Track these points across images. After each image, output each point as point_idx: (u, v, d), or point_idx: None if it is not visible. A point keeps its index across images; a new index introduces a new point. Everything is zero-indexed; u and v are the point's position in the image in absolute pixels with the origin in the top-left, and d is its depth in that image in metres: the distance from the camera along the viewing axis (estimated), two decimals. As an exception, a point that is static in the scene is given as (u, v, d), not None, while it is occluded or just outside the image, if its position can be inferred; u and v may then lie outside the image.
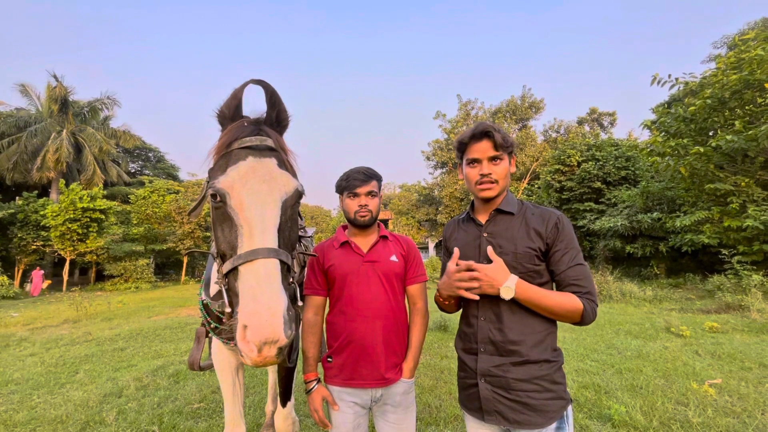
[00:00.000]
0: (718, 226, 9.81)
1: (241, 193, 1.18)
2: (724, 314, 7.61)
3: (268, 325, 1.00)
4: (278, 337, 1.00)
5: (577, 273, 1.30)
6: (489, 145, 1.37)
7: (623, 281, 11.50)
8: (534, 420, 1.26)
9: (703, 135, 10.08)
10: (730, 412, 3.20)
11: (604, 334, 6.28)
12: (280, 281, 1.08)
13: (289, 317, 1.05)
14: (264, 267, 1.08)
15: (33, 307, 12.22)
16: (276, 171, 1.25)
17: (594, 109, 29.63)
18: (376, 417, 1.68)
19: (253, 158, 1.24)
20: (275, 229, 1.16)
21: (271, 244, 1.12)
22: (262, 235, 1.13)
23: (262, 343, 0.99)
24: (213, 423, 3.16)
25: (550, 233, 1.33)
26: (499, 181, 1.38)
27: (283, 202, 1.22)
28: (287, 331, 1.02)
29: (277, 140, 1.33)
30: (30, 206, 18.50)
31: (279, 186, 1.23)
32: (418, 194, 34.56)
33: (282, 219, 1.20)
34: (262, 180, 1.21)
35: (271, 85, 1.30)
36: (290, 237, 1.26)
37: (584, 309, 1.25)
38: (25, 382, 4.44)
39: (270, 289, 1.05)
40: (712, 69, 9.62)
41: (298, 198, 1.28)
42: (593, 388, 3.80)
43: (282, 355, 1.05)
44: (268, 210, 1.17)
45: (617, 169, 16.16)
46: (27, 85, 22.91)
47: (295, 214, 1.30)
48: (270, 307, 1.02)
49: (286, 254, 1.17)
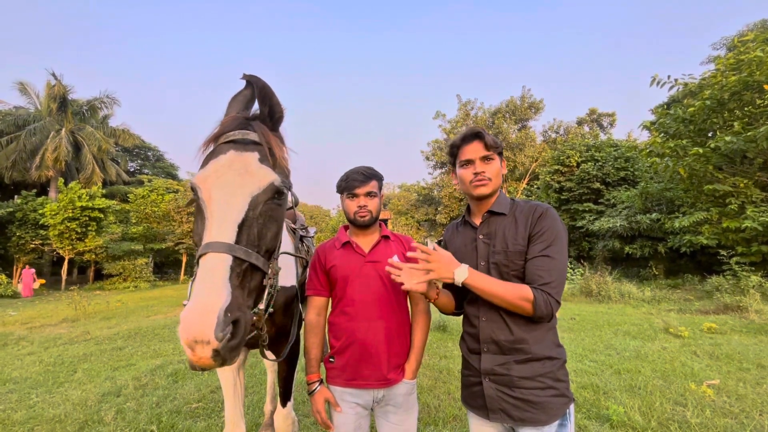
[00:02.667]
0: (717, 227, 9.83)
1: (211, 186, 1.15)
2: (722, 315, 7.63)
3: (197, 323, 0.92)
4: (207, 337, 0.91)
5: (542, 263, 1.29)
6: (480, 146, 1.43)
7: (622, 282, 11.51)
8: (538, 417, 1.27)
9: (702, 136, 10.10)
10: (728, 412, 3.21)
11: (603, 334, 6.29)
12: (225, 278, 1.00)
13: (229, 318, 0.95)
14: (210, 262, 1.02)
15: (31, 305, 12.19)
16: (254, 165, 1.19)
17: (593, 110, 29.65)
18: (377, 417, 1.68)
19: (234, 152, 1.21)
20: (236, 223, 1.09)
21: (226, 239, 1.05)
22: (219, 229, 1.07)
23: (191, 342, 0.92)
24: (212, 422, 3.16)
25: (532, 224, 1.36)
26: (492, 179, 1.43)
27: (253, 196, 1.15)
28: (219, 333, 0.92)
29: (263, 134, 1.26)
30: (29, 205, 18.45)
31: (253, 180, 1.16)
32: (418, 194, 34.57)
33: (250, 214, 1.13)
34: (237, 174, 1.16)
35: (261, 80, 1.26)
36: (261, 234, 1.16)
37: (534, 299, 1.24)
38: (23, 381, 4.43)
39: (209, 286, 0.98)
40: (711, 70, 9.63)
41: (274, 193, 1.20)
42: (592, 388, 3.81)
43: (223, 361, 0.96)
44: (233, 204, 1.11)
45: (616, 170, 16.18)
46: (26, 83, 22.86)
47: (271, 210, 1.21)
48: (204, 305, 0.94)
49: (247, 251, 1.08)
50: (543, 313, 1.26)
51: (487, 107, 30.56)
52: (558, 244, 1.32)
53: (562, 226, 1.37)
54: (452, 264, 1.30)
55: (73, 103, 22.96)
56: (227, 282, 1.00)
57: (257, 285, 1.14)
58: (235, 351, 1.00)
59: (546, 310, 1.26)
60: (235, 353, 1.01)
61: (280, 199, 1.23)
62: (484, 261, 1.41)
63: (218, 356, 0.94)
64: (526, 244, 1.34)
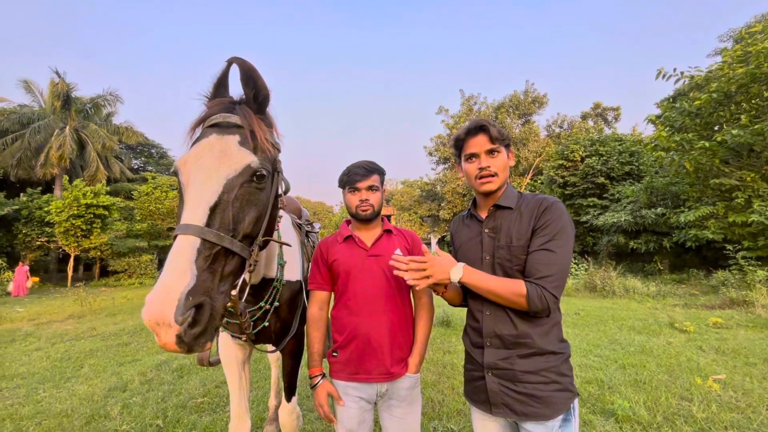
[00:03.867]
0: (723, 222, 9.75)
1: (190, 170, 1.14)
2: (728, 310, 7.58)
3: (157, 304, 0.89)
4: (167, 320, 0.88)
5: (540, 257, 1.27)
6: (485, 139, 1.39)
7: (626, 277, 11.46)
8: (541, 412, 1.26)
9: (709, 129, 9.98)
10: (734, 407, 3.19)
11: (608, 329, 6.26)
12: (189, 260, 0.97)
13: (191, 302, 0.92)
14: (178, 244, 1.00)
15: (38, 302, 12.30)
16: (233, 148, 1.16)
17: (598, 104, 29.39)
18: (381, 411, 1.68)
19: (215, 135, 1.19)
20: (207, 206, 1.06)
21: (196, 222, 1.03)
22: (191, 212, 1.05)
23: (153, 324, 0.90)
24: (217, 417, 3.17)
25: (536, 218, 1.33)
26: (498, 174, 1.39)
27: (229, 179, 1.12)
28: (179, 316, 0.89)
29: (245, 116, 1.23)
30: (34, 202, 18.57)
31: (230, 163, 1.14)
32: (421, 190, 34.52)
33: (224, 197, 1.10)
34: (215, 157, 1.14)
35: (247, 62, 1.23)
36: (238, 218, 1.12)
37: (528, 293, 1.23)
38: (30, 376, 4.48)
39: (173, 267, 0.95)
40: (718, 62, 9.49)
41: (252, 176, 1.16)
42: (596, 383, 3.80)
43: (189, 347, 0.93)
44: (206, 186, 1.09)
45: (621, 165, 16.07)
46: (30, 81, 22.90)
47: (250, 194, 1.16)
48: (166, 288, 0.92)
49: (219, 235, 1.04)
50: (538, 308, 1.24)
51: (491, 102, 30.39)
52: (561, 238, 1.28)
53: (567, 219, 1.32)
54: (448, 265, 1.30)
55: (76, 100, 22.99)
56: (192, 265, 0.97)
57: (233, 270, 1.10)
58: (202, 337, 0.96)
59: (541, 304, 1.23)
60: (203, 339, 0.97)
61: (260, 183, 1.19)
62: (489, 255, 1.39)
63: (182, 342, 0.92)
64: (530, 239, 1.32)
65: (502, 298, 1.27)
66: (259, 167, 1.18)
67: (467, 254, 1.47)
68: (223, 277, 1.06)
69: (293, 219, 2.34)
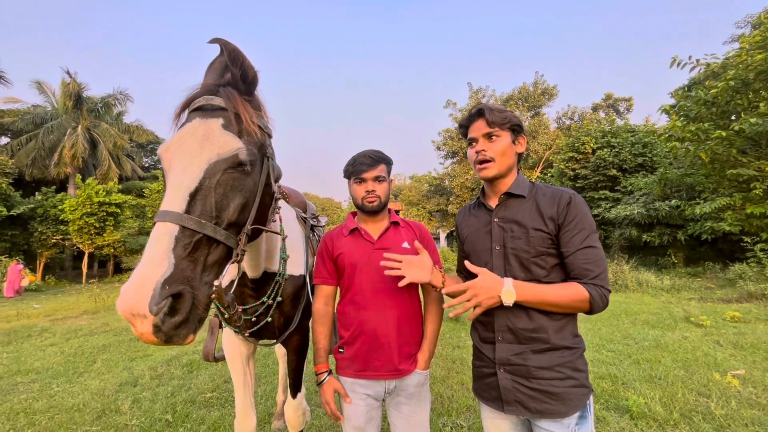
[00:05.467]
0: (740, 213, 9.48)
1: (172, 155, 1.09)
2: (746, 303, 7.38)
3: (132, 294, 0.86)
4: (141, 310, 0.85)
5: (588, 256, 1.22)
6: (483, 123, 1.35)
7: (639, 270, 11.25)
8: (557, 409, 1.21)
9: (725, 118, 9.68)
10: (755, 404, 3.09)
11: (621, 324, 6.15)
12: (167, 248, 0.93)
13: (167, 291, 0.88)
14: (156, 232, 0.96)
15: (54, 298, 12.56)
16: (216, 131, 1.11)
17: (609, 95, 28.81)
18: (389, 409, 1.64)
19: (199, 119, 1.14)
20: (187, 192, 1.02)
21: (175, 208, 0.99)
22: (170, 198, 1.01)
23: (128, 315, 0.86)
24: (225, 412, 3.18)
25: (561, 213, 1.26)
26: (495, 159, 1.33)
27: (211, 164, 1.07)
28: (153, 306, 0.85)
29: (230, 98, 1.17)
30: (49, 201, 18.93)
31: (212, 147, 1.09)
32: (429, 185, 34.32)
33: (206, 183, 1.05)
34: (197, 141, 1.09)
35: (231, 43, 1.17)
36: (221, 205, 1.07)
37: (591, 297, 1.17)
38: (45, 371, 4.56)
39: (149, 256, 0.92)
40: (736, 49, 9.19)
41: (236, 160, 1.11)
42: (610, 378, 3.72)
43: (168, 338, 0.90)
44: (187, 172, 1.05)
45: (633, 156, 15.72)
46: (42, 82, 23.27)
47: (234, 179, 1.11)
48: (141, 277, 0.88)
49: (200, 222, 1.00)
50: (600, 309, 1.20)
51: (499, 95, 29.95)
52: (595, 232, 1.26)
53: (589, 211, 1.29)
54: (496, 287, 1.18)
55: (88, 100, 23.32)
56: (170, 253, 0.93)
57: (218, 259, 1.05)
58: (182, 328, 0.93)
59: (603, 304, 1.19)
60: (184, 330, 0.93)
61: (245, 168, 1.13)
62: (499, 246, 1.34)
63: (160, 332, 0.88)
64: (552, 232, 1.26)
65: (563, 306, 1.21)
66: (242, 151, 1.12)
67: (476, 245, 1.42)
68: (207, 267, 1.01)
69: (298, 213, 2.31)
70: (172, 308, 0.91)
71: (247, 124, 1.15)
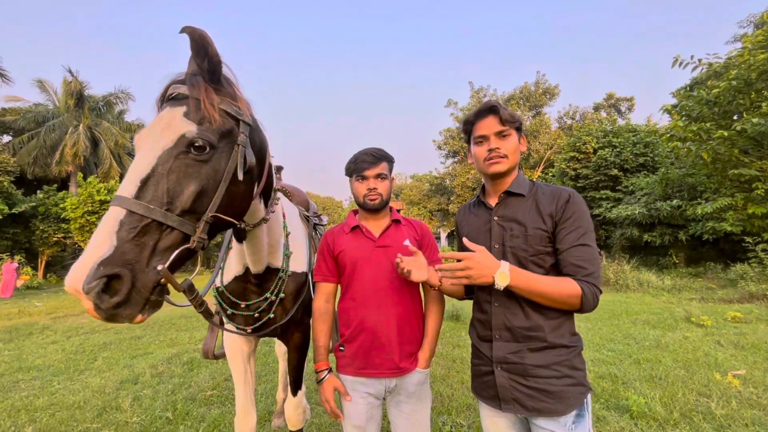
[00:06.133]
0: (742, 213, 9.45)
1: (138, 145, 1.13)
2: (747, 304, 7.38)
3: (72, 272, 0.91)
4: (77, 288, 0.89)
5: (581, 253, 1.22)
6: (495, 121, 1.35)
7: (640, 270, 11.25)
8: (554, 407, 1.21)
9: (728, 118, 9.65)
10: (755, 404, 3.08)
11: (621, 323, 6.14)
12: (110, 231, 0.96)
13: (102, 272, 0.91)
14: (105, 215, 1.00)
15: (55, 297, 12.59)
16: (176, 119, 1.12)
17: (611, 95, 28.78)
18: (389, 407, 1.64)
19: (168, 108, 1.16)
20: (139, 178, 1.04)
21: (125, 194, 1.01)
22: (123, 184, 1.04)
23: (71, 290, 0.91)
24: (225, 410, 3.18)
25: (559, 210, 1.27)
26: (508, 156, 1.34)
27: (164, 150, 1.08)
28: (85, 285, 0.89)
29: (194, 86, 1.16)
30: (50, 199, 18.98)
31: (169, 134, 1.10)
32: (430, 184, 34.33)
33: (159, 169, 1.06)
34: (159, 130, 1.11)
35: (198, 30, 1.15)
36: (174, 191, 1.06)
37: (583, 293, 1.17)
38: (46, 368, 4.57)
39: (94, 238, 0.96)
40: (738, 49, 9.16)
41: (188, 146, 1.09)
42: (610, 378, 3.72)
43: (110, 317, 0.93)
44: (143, 159, 1.07)
45: (635, 156, 15.71)
46: (44, 80, 23.29)
47: (188, 166, 1.10)
48: (84, 256, 0.93)
49: (148, 207, 1.01)
50: (590, 307, 1.20)
51: (501, 94, 29.93)
52: (591, 231, 1.26)
53: (587, 210, 1.30)
54: (492, 266, 1.16)
55: (89, 99, 23.36)
56: (112, 235, 0.96)
57: (170, 245, 1.06)
58: (124, 308, 0.96)
59: (594, 302, 1.19)
60: (126, 311, 0.96)
61: (200, 154, 1.11)
62: (498, 244, 1.34)
63: (100, 309, 0.92)
64: (550, 230, 1.27)
65: (554, 300, 1.20)
66: (195, 137, 1.10)
67: (475, 243, 1.41)
68: (157, 251, 1.03)
69: (301, 211, 2.31)
70: (110, 288, 0.94)
71: (205, 111, 1.14)
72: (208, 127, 1.14)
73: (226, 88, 1.25)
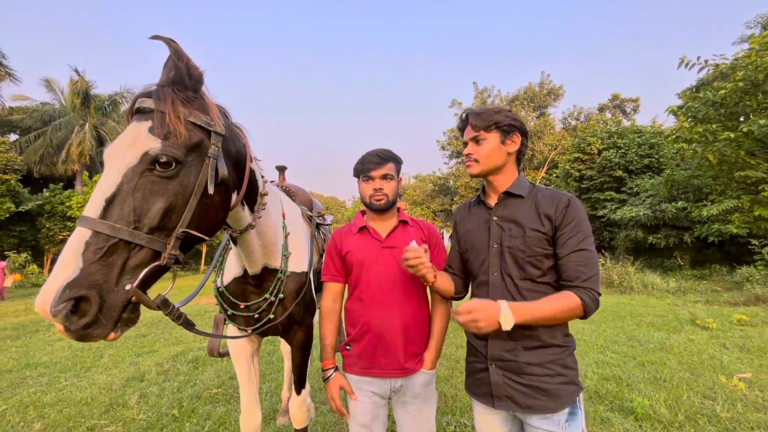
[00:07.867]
0: (748, 215, 9.39)
1: (106, 160, 1.11)
2: (753, 307, 7.33)
3: (40, 295, 0.92)
4: (45, 310, 0.90)
5: (581, 258, 1.24)
6: (469, 128, 1.43)
7: (645, 272, 11.21)
8: (547, 405, 1.24)
9: (734, 120, 9.59)
10: (761, 407, 3.07)
11: (625, 325, 6.12)
12: (76, 253, 0.96)
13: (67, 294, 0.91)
14: (72, 236, 0.99)
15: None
16: (141, 135, 1.09)
17: (616, 95, 28.65)
18: (395, 407, 1.65)
19: (134, 123, 1.13)
20: (104, 197, 1.02)
21: (90, 214, 1.00)
22: (89, 204, 1.03)
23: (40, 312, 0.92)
24: (230, 408, 3.21)
25: (559, 214, 1.29)
26: (479, 160, 1.39)
27: (129, 168, 1.05)
28: (53, 308, 0.90)
29: (160, 98, 1.12)
30: (56, 198, 19.15)
31: (133, 151, 1.07)
32: (433, 184, 34.32)
33: (124, 188, 1.04)
34: (124, 146, 1.09)
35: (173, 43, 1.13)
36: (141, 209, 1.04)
37: (583, 302, 1.20)
38: (53, 365, 4.61)
39: (60, 259, 0.96)
40: (745, 50, 9.10)
41: (152, 163, 1.07)
42: (614, 380, 3.71)
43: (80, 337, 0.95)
44: (108, 177, 1.05)
45: (640, 157, 15.63)
46: (51, 80, 23.49)
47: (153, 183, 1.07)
48: (50, 278, 0.93)
49: (114, 226, 0.99)
50: (593, 312, 1.22)
51: (505, 95, 29.88)
52: (591, 235, 1.29)
53: (586, 214, 1.33)
54: (495, 313, 1.16)
55: (95, 98, 23.51)
56: (78, 257, 0.96)
57: (140, 263, 1.05)
58: (93, 328, 0.96)
59: (595, 307, 1.22)
60: (97, 330, 0.97)
61: (165, 170, 1.08)
62: (496, 244, 1.37)
63: (69, 331, 0.93)
64: (548, 233, 1.29)
65: (560, 319, 1.23)
66: (159, 153, 1.06)
67: (473, 241, 1.45)
68: (127, 270, 1.02)
69: (304, 210, 2.33)
70: (78, 310, 0.95)
71: (170, 124, 1.11)
72: (174, 141, 1.10)
73: (197, 98, 1.21)
